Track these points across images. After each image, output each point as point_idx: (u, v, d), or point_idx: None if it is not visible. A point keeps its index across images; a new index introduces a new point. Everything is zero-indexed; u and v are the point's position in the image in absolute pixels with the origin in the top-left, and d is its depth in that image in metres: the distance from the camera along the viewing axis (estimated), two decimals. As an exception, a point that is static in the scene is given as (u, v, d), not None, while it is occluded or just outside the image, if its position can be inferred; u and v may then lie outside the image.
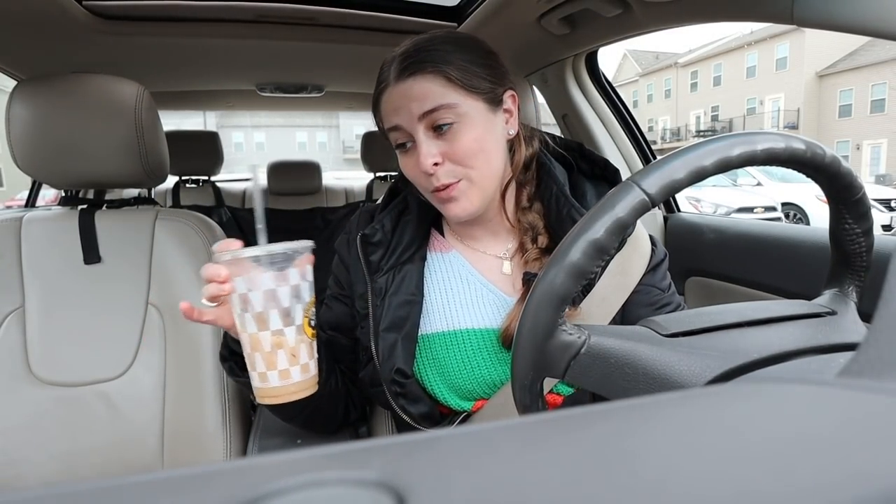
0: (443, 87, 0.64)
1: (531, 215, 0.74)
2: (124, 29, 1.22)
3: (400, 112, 0.66)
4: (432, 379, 0.70)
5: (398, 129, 0.67)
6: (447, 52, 0.65)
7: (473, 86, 0.66)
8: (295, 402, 0.57)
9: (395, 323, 0.70)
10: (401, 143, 0.68)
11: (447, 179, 0.66)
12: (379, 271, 0.72)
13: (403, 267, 0.73)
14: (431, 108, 0.64)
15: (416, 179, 0.70)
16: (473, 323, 0.71)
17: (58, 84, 0.88)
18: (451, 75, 0.64)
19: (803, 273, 1.03)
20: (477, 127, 0.66)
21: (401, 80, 0.65)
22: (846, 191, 0.46)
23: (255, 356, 0.55)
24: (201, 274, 0.55)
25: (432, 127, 0.65)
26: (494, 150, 0.68)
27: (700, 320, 0.45)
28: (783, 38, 24.61)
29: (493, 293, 0.73)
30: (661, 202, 0.41)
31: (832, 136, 23.42)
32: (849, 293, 0.51)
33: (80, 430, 0.90)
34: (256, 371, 0.55)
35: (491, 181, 0.69)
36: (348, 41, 1.39)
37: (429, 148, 0.65)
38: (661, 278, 0.74)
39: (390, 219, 0.75)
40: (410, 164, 0.68)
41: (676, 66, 31.57)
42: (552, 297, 0.41)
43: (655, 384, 0.41)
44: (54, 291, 0.93)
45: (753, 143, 0.42)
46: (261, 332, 0.54)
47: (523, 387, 0.45)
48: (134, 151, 0.90)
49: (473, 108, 0.66)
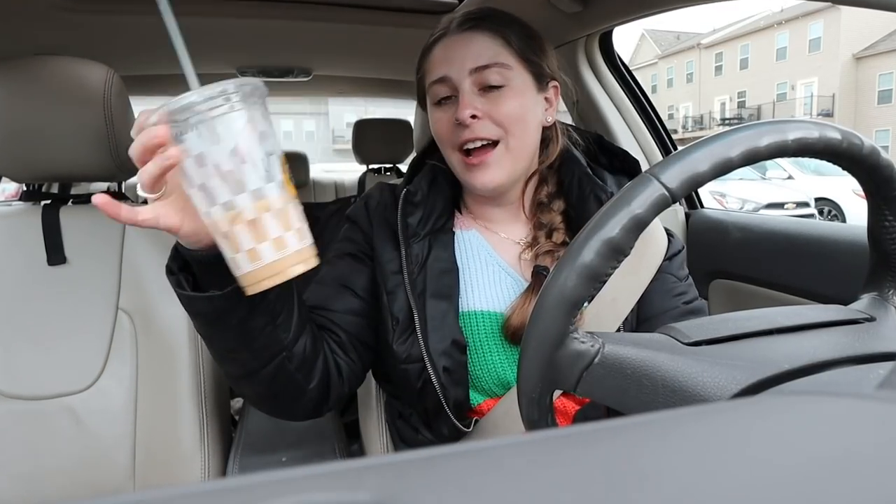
0: (501, 47, 0.71)
1: (549, 214, 0.77)
2: (92, 6, 1.22)
3: (452, 62, 0.71)
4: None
5: (444, 82, 0.71)
6: (509, 21, 0.73)
7: (527, 57, 0.72)
8: (260, 350, 0.57)
9: (442, 291, 0.72)
10: (443, 97, 0.72)
11: (484, 133, 0.70)
12: (416, 236, 0.74)
13: (438, 235, 0.76)
14: (486, 64, 0.69)
15: (446, 135, 0.73)
16: (489, 305, 0.73)
17: (19, 67, 0.88)
18: (511, 39, 0.71)
19: (839, 275, 1.04)
20: (522, 97, 0.71)
21: (461, 32, 0.72)
22: (886, 185, 0.46)
23: (235, 231, 0.47)
24: (131, 137, 0.47)
25: (480, 85, 0.70)
26: (533, 126, 0.74)
27: (725, 327, 0.45)
28: (817, 17, 24.62)
29: (510, 276, 0.76)
30: (682, 197, 0.41)
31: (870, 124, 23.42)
32: (889, 297, 0.51)
33: (43, 449, 0.90)
34: (243, 250, 0.48)
35: (524, 155, 0.74)
36: (339, 19, 1.39)
37: (471, 100, 0.70)
38: (679, 267, 0.77)
39: (426, 182, 0.78)
40: (446, 118, 0.72)
41: (699, 47, 31.58)
42: (563, 302, 0.41)
43: (676, 397, 0.41)
44: (14, 295, 0.93)
45: (784, 133, 0.42)
46: (237, 195, 0.46)
47: (531, 401, 0.45)
48: (103, 141, 0.90)
49: (523, 78, 0.72)
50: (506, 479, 0.15)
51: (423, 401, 0.72)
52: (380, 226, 0.77)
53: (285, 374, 0.63)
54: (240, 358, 0.62)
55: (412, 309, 0.71)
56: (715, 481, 0.15)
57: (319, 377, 0.67)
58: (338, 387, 0.71)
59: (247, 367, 0.62)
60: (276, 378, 0.63)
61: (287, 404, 0.69)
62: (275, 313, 0.60)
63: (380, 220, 0.77)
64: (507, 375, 0.72)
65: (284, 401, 0.68)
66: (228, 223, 0.47)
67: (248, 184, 0.46)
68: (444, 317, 0.71)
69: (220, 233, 0.48)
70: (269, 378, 0.63)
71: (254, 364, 0.62)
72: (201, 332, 0.61)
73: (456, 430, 0.73)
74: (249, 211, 0.47)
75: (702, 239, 1.41)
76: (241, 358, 0.61)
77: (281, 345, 0.61)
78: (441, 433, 0.76)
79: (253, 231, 0.47)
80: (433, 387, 0.69)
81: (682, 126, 31.98)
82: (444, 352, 0.69)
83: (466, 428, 0.74)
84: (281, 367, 0.62)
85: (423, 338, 0.69)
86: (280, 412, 0.71)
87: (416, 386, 0.71)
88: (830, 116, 23.79)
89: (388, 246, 0.75)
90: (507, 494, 0.14)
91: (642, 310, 0.74)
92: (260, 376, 0.62)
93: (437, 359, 0.69)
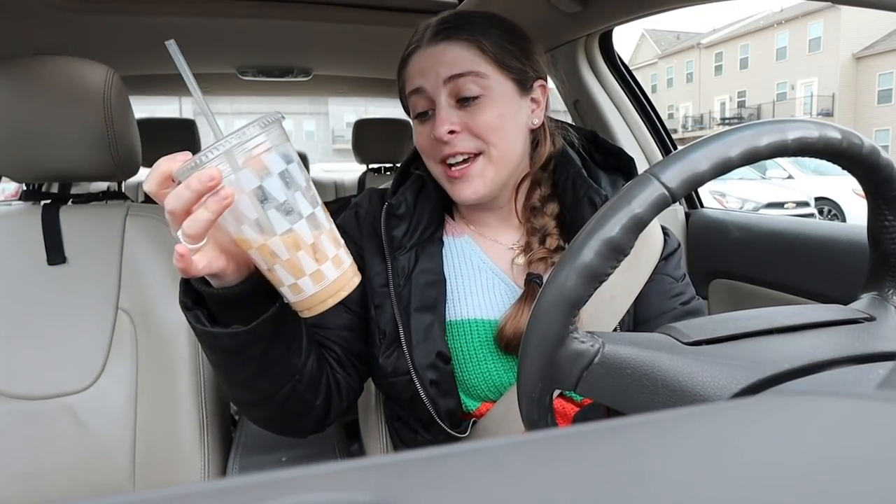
0: (476, 56, 0.68)
1: (542, 219, 0.76)
2: (92, 6, 1.22)
3: (426, 74, 0.69)
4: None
5: (420, 93, 0.70)
6: (485, 26, 0.70)
7: (506, 63, 0.69)
8: (271, 379, 0.58)
9: (427, 304, 0.71)
10: (420, 111, 0.72)
11: (463, 147, 0.69)
12: (401, 248, 0.73)
13: (425, 246, 0.75)
14: (459, 73, 0.67)
15: (428, 150, 0.72)
16: (482, 313, 0.73)
17: (19, 66, 0.88)
18: (486, 47, 0.68)
19: (839, 275, 1.04)
20: (502, 105, 0.69)
21: (433, 43, 0.69)
22: (886, 184, 0.46)
23: (298, 257, 0.48)
24: (189, 186, 0.44)
25: (456, 97, 0.69)
26: (515, 132, 0.72)
27: (725, 327, 0.45)
28: (817, 17, 24.61)
29: (504, 283, 0.75)
30: (682, 197, 0.41)
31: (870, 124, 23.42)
32: (889, 297, 0.51)
33: (42, 449, 0.90)
34: (307, 274, 0.49)
35: (508, 163, 0.72)
36: (338, 20, 1.39)
37: (448, 114, 0.68)
38: (675, 267, 0.76)
39: (412, 192, 0.77)
40: (426, 132, 0.71)
41: (699, 47, 31.57)
42: (563, 302, 0.41)
43: (676, 397, 0.41)
44: (14, 295, 0.93)
45: (784, 132, 0.42)
46: (295, 224, 0.47)
47: (531, 400, 0.45)
48: (102, 141, 0.90)
49: (502, 85, 0.69)
50: (505, 479, 0.15)
51: (415, 411, 0.72)
52: (368, 237, 0.76)
53: (296, 394, 0.64)
54: (256, 385, 0.61)
55: (398, 323, 0.70)
56: (715, 481, 0.15)
57: (324, 394, 0.68)
58: (337, 402, 0.71)
59: (261, 392, 0.62)
60: (288, 400, 0.63)
61: (294, 422, 0.69)
62: (291, 339, 0.60)
63: (369, 231, 0.76)
64: (502, 381, 0.72)
65: (292, 419, 0.68)
66: (291, 251, 0.48)
67: (303, 210, 0.48)
68: (429, 330, 0.70)
69: (280, 261, 0.49)
70: (281, 400, 0.63)
71: (269, 389, 0.62)
72: (217, 364, 0.60)
73: (452, 435, 0.73)
74: (308, 235, 0.49)
75: (702, 239, 1.41)
76: (258, 385, 0.61)
77: (294, 368, 0.62)
78: (438, 437, 0.75)
79: (314, 254, 0.49)
80: (422, 399, 0.69)
81: (682, 126, 31.98)
82: (430, 365, 0.69)
83: (462, 433, 0.73)
84: (293, 389, 0.63)
85: (408, 352, 0.69)
86: (287, 430, 0.72)
87: (406, 398, 0.71)
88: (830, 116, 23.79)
89: (375, 259, 0.74)
90: (507, 494, 0.14)
91: (640, 312, 0.73)
92: (273, 400, 0.63)
93: (423, 372, 0.69)
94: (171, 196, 0.45)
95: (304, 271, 0.49)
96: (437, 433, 0.75)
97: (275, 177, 0.46)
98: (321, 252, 0.50)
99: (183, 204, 0.45)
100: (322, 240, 0.50)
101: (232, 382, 0.62)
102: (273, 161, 0.46)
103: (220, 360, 0.59)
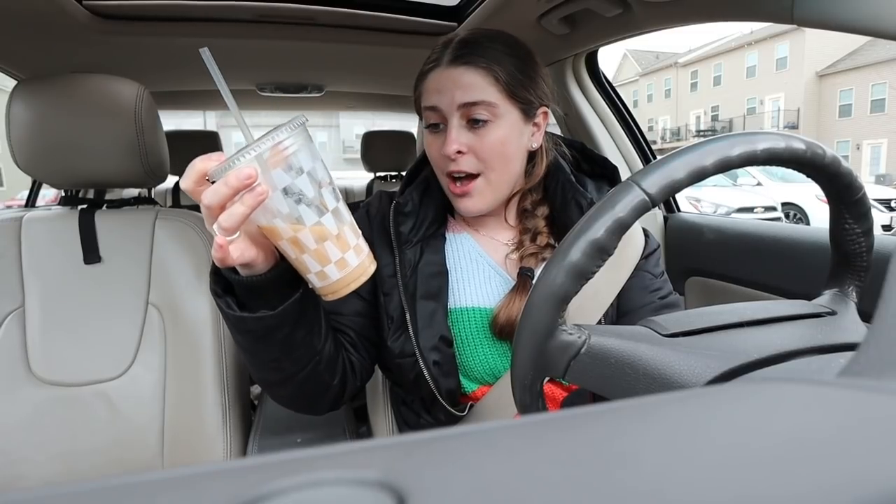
0: (490, 85, 0.68)
1: (533, 220, 0.77)
2: (124, 28, 1.22)
3: (442, 94, 0.69)
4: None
5: (435, 110, 0.70)
6: (503, 54, 0.69)
7: (516, 94, 0.69)
8: (293, 355, 0.59)
9: (431, 292, 0.72)
10: (433, 123, 0.72)
11: (466, 167, 0.70)
12: (408, 242, 0.74)
13: (430, 241, 0.76)
14: (473, 101, 0.67)
15: (436, 161, 0.73)
16: (479, 301, 0.74)
17: (58, 84, 0.88)
18: (500, 77, 0.68)
19: (803, 273, 1.03)
20: (506, 131, 0.69)
21: (452, 66, 0.69)
22: (846, 191, 0.46)
23: (325, 247, 0.49)
24: (227, 183, 0.44)
25: (467, 118, 0.69)
26: (515, 157, 0.72)
27: (700, 320, 0.45)
28: (783, 38, 24.60)
29: (499, 275, 0.76)
30: (661, 202, 0.41)
31: (832, 135, 23.41)
32: (849, 293, 0.51)
33: (80, 430, 0.90)
34: (332, 262, 0.50)
35: (506, 185, 0.73)
36: (348, 41, 1.39)
37: (458, 135, 0.69)
38: (655, 265, 0.77)
39: (418, 193, 0.77)
40: (436, 144, 0.71)
41: (676, 65, 31.55)
42: (552, 298, 0.41)
43: (656, 384, 0.41)
44: (54, 291, 0.93)
45: (754, 143, 0.42)
46: (322, 216, 0.48)
47: (523, 387, 0.45)
48: (134, 151, 0.90)
49: (509, 113, 0.69)
50: (501, 458, 0.15)
51: (419, 390, 0.73)
52: (378, 233, 0.77)
53: (316, 374, 0.64)
54: (280, 366, 0.61)
55: (405, 309, 0.71)
56: (691, 460, 0.15)
57: (341, 373, 0.68)
58: (352, 381, 0.71)
59: (285, 373, 0.62)
60: (309, 379, 0.64)
61: (314, 401, 0.69)
62: (312, 323, 0.60)
63: (378, 228, 0.77)
64: (497, 366, 0.72)
65: (312, 398, 0.69)
66: (318, 241, 0.49)
67: (329, 204, 0.49)
68: (433, 315, 0.71)
69: (308, 251, 0.49)
70: (303, 380, 0.63)
71: (293, 370, 0.62)
72: (245, 347, 0.60)
73: (452, 415, 0.73)
74: (333, 227, 0.49)
75: (679, 240, 1.41)
76: (282, 366, 0.61)
77: (315, 349, 0.62)
78: (439, 418, 0.76)
79: (338, 244, 0.50)
80: (426, 379, 0.70)
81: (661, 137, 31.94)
82: (434, 347, 0.70)
83: (461, 413, 0.74)
84: (314, 370, 0.63)
85: (414, 335, 0.70)
86: (307, 408, 0.72)
87: (411, 377, 0.71)
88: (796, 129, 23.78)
89: (385, 252, 0.75)
90: (502, 471, 0.14)
91: (622, 304, 0.74)
92: (296, 380, 0.63)
93: (427, 354, 0.69)
94: (209, 192, 0.46)
95: (330, 259, 0.50)
96: (437, 413, 0.75)
97: (304, 175, 0.47)
98: (344, 242, 0.51)
99: (220, 199, 0.45)
100: (345, 230, 0.51)
101: (259, 364, 0.62)
102: (301, 160, 0.47)
103: (248, 344, 0.59)
